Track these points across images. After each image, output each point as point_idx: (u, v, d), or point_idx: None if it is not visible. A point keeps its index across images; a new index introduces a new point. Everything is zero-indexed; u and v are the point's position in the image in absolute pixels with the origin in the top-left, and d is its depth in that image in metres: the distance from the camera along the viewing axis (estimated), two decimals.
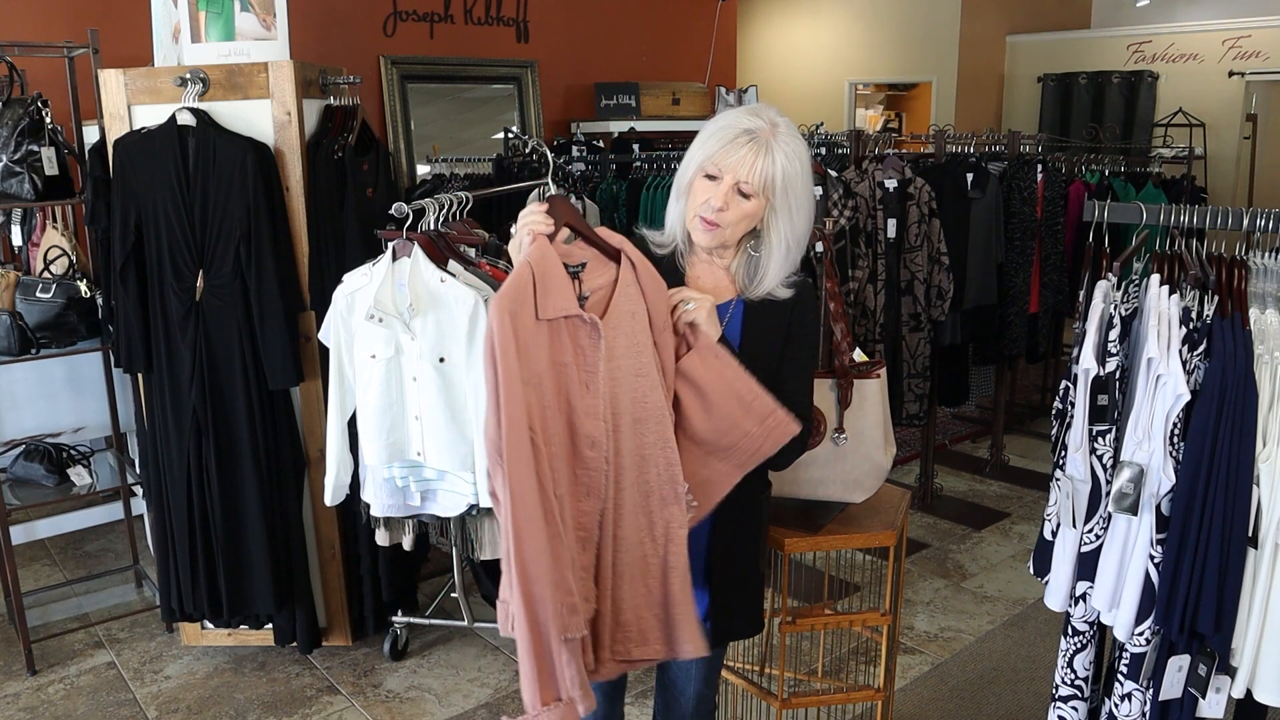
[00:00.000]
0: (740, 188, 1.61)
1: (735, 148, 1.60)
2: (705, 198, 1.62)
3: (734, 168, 1.60)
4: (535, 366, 1.39)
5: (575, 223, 1.52)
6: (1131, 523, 1.84)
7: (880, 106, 9.46)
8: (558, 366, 1.42)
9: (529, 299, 1.39)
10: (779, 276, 1.69)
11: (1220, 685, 1.81)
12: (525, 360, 1.38)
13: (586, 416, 1.43)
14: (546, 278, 1.41)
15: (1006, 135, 4.70)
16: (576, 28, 6.36)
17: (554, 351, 1.42)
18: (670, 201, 1.74)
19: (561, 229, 1.50)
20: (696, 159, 1.65)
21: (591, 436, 1.43)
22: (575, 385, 1.43)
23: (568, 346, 1.42)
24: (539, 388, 1.39)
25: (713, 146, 1.62)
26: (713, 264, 1.72)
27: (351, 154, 2.91)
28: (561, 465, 1.42)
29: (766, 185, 1.61)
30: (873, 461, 2.13)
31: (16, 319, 3.03)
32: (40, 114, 3.05)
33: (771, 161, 1.60)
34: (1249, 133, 7.01)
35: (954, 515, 4.37)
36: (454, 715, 2.90)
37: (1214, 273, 1.85)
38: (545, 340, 1.40)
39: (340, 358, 2.65)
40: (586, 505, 1.45)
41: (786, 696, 2.28)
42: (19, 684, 3.08)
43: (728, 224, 1.63)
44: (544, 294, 1.40)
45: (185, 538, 2.90)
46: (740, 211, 1.62)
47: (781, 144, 1.62)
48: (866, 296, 3.74)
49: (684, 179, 1.68)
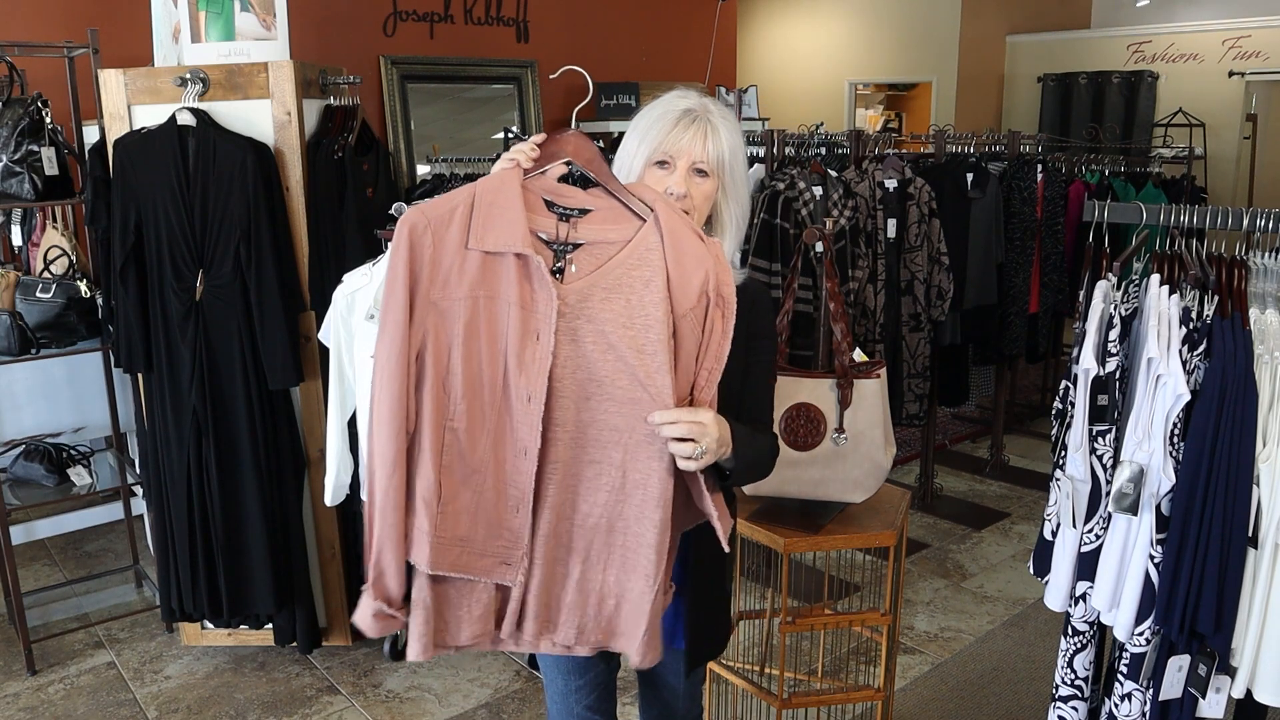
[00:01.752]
0: (697, 167, 1.55)
1: (682, 130, 1.55)
2: (663, 188, 1.53)
3: (687, 150, 1.54)
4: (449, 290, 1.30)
5: (589, 166, 1.39)
6: (1131, 523, 1.84)
7: (880, 106, 9.46)
8: (489, 300, 1.31)
9: (453, 221, 1.30)
10: (732, 255, 1.63)
11: (1220, 685, 1.81)
12: (435, 281, 1.30)
13: (527, 368, 1.31)
14: (493, 207, 1.31)
15: (1006, 135, 4.70)
16: (576, 28, 6.36)
17: (484, 283, 1.31)
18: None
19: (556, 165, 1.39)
20: (641, 153, 1.57)
21: (529, 391, 1.31)
22: (514, 331, 1.31)
23: (510, 285, 1.31)
24: (448, 313, 1.31)
25: (657, 134, 1.56)
26: None
27: (351, 154, 2.91)
28: (490, 410, 1.33)
29: (719, 163, 1.56)
30: (873, 461, 2.13)
31: (16, 319, 3.03)
32: (40, 114, 3.05)
33: (719, 139, 1.56)
34: (1249, 133, 7.01)
35: (954, 515, 4.37)
36: (454, 715, 2.90)
37: (1214, 273, 1.85)
38: (475, 269, 1.31)
39: (340, 358, 2.65)
40: (522, 464, 1.34)
41: (786, 696, 2.28)
42: (19, 684, 3.08)
43: (693, 209, 1.56)
44: (482, 223, 1.30)
45: (185, 538, 2.90)
46: (702, 193, 1.57)
47: (721, 121, 1.57)
48: (866, 296, 3.74)
49: (629, 180, 1.57)
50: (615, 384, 1.33)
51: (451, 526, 1.34)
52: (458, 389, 1.32)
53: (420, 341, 1.31)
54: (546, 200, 1.37)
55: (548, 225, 1.35)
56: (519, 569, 1.36)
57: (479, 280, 1.31)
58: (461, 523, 1.34)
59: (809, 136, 4.10)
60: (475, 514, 1.35)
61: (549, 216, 1.35)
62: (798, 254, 2.51)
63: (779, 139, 3.89)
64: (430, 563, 1.33)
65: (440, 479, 1.33)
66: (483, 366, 1.33)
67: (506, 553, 1.36)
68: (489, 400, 1.33)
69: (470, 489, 1.34)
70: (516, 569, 1.36)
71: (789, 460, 2.15)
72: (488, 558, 1.35)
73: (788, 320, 2.26)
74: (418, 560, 1.35)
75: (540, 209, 1.35)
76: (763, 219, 3.54)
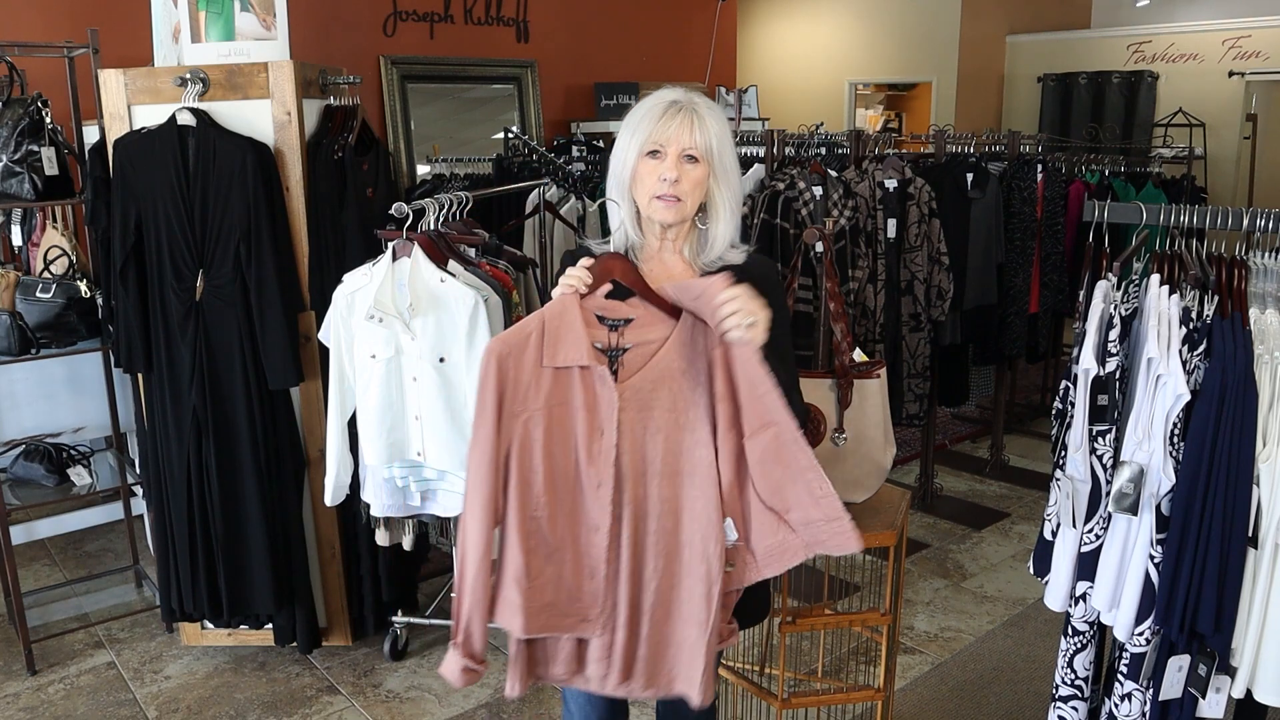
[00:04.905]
0: (687, 153, 1.63)
1: (669, 120, 1.63)
2: (656, 175, 1.63)
3: (676, 137, 1.62)
4: (528, 404, 1.57)
5: (628, 280, 1.61)
6: (1131, 523, 1.84)
7: (880, 106, 9.46)
8: (561, 407, 1.57)
9: (529, 345, 1.57)
10: (727, 240, 1.71)
11: (1220, 685, 1.81)
12: (516, 397, 1.56)
13: (595, 459, 1.56)
14: (559, 330, 1.57)
15: (1006, 135, 4.70)
16: (576, 28, 6.36)
17: (557, 394, 1.57)
18: (611, 206, 1.75)
19: (604, 284, 1.60)
20: (634, 146, 1.66)
21: (599, 478, 1.56)
22: (583, 429, 1.57)
23: (578, 392, 1.57)
24: (530, 422, 1.57)
25: (647, 127, 1.64)
26: (663, 255, 1.72)
27: (351, 154, 2.91)
28: (565, 496, 1.59)
29: (709, 149, 1.64)
30: (873, 461, 2.13)
31: (16, 319, 3.03)
32: (40, 114, 3.05)
33: (706, 126, 1.64)
34: (1249, 133, 7.01)
35: (954, 515, 4.37)
36: (454, 715, 2.90)
37: (1214, 273, 1.85)
38: (549, 383, 1.57)
39: (340, 358, 2.65)
40: (595, 538, 1.58)
41: (786, 696, 2.28)
42: (19, 684, 3.08)
43: (685, 194, 1.64)
44: (552, 343, 1.56)
45: (185, 538, 2.90)
46: (693, 179, 1.64)
47: (708, 110, 1.65)
48: (866, 296, 3.74)
49: (624, 174, 1.68)
50: (665, 462, 1.57)
51: (539, 596, 1.58)
52: (539, 483, 1.57)
53: (507, 447, 1.57)
54: (598, 315, 1.60)
55: (600, 336, 1.59)
56: (597, 624, 1.61)
57: (553, 391, 1.57)
58: (547, 592, 1.59)
59: (809, 136, 4.10)
60: (559, 584, 1.59)
61: (601, 328, 1.60)
62: (798, 254, 2.51)
63: (779, 139, 3.89)
64: (524, 629, 1.58)
65: (527, 560, 1.57)
66: (559, 461, 1.58)
67: (585, 611, 1.60)
68: (564, 489, 1.59)
69: (554, 564, 1.59)
70: (595, 624, 1.60)
71: None
72: (570, 618, 1.60)
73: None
74: (512, 627, 1.59)
75: (594, 323, 1.60)
76: (763, 219, 3.54)
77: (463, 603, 1.59)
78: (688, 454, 1.58)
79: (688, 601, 1.59)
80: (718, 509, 1.57)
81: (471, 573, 1.58)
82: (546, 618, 1.59)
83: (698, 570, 1.58)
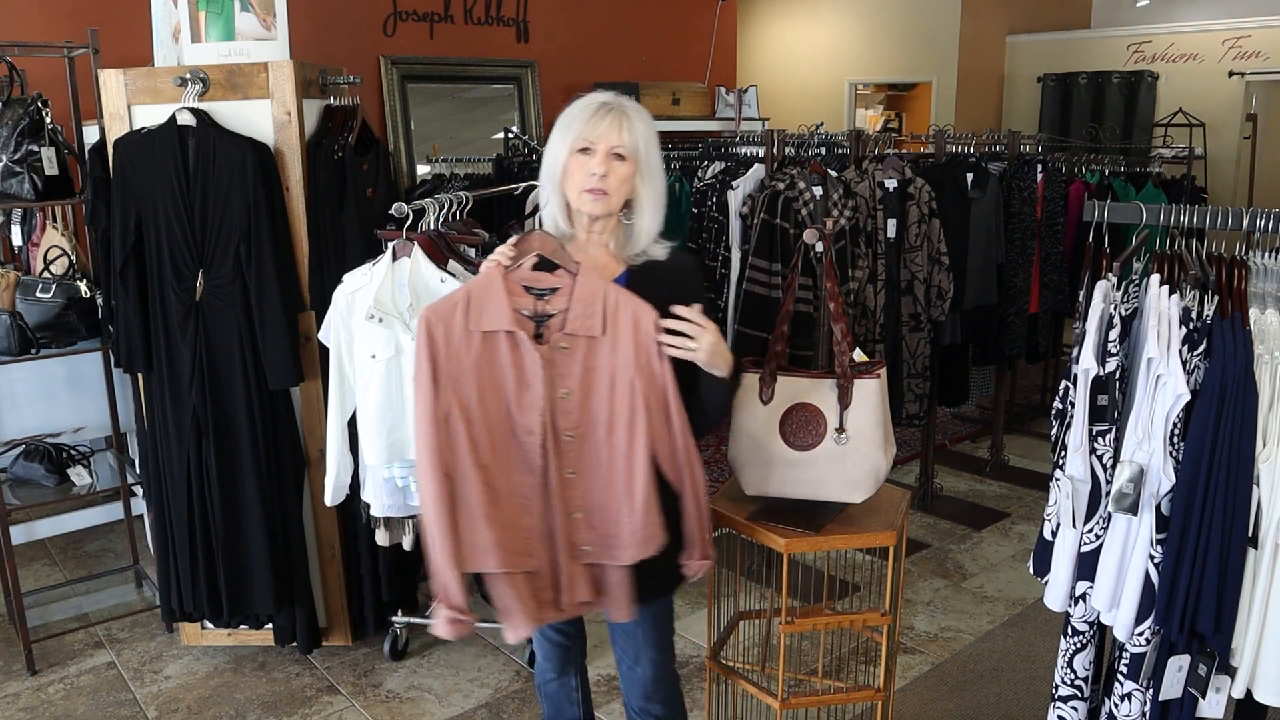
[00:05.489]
0: (615, 151, 1.76)
1: (599, 120, 1.77)
2: (586, 171, 1.76)
3: (605, 135, 1.76)
4: (461, 364, 1.74)
5: (552, 255, 1.77)
6: (1131, 523, 1.84)
7: (880, 106, 9.46)
8: (490, 366, 1.75)
9: (456, 313, 1.74)
10: (651, 234, 1.85)
11: (1220, 685, 1.81)
12: (450, 359, 1.74)
13: (523, 410, 1.74)
14: (483, 299, 1.74)
15: (1006, 135, 4.70)
16: (576, 28, 6.36)
17: (486, 354, 1.75)
18: (543, 203, 1.88)
19: (530, 258, 1.76)
20: (566, 144, 1.79)
21: (528, 426, 1.74)
22: (512, 385, 1.75)
23: (505, 352, 1.75)
24: (461, 380, 1.74)
25: (578, 126, 1.78)
26: (589, 248, 1.85)
27: (351, 154, 2.91)
28: (501, 443, 1.76)
29: (635, 148, 1.78)
30: (872, 462, 2.13)
31: (16, 319, 3.03)
32: (40, 114, 3.05)
33: (634, 127, 1.78)
34: (1249, 133, 7.00)
35: (954, 515, 4.37)
36: (454, 715, 2.90)
37: (1214, 273, 1.85)
38: (478, 345, 1.75)
39: (340, 358, 2.65)
40: (526, 479, 1.76)
41: (786, 696, 2.28)
42: (19, 684, 3.08)
43: (613, 188, 1.77)
44: (477, 310, 1.74)
45: (185, 538, 2.90)
46: (619, 175, 1.78)
47: (635, 113, 1.79)
48: (866, 296, 3.74)
49: (555, 171, 1.81)
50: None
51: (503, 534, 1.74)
52: (482, 433, 1.75)
53: (447, 405, 1.74)
54: (525, 286, 1.77)
55: (527, 304, 1.76)
56: (539, 554, 1.77)
57: (482, 352, 1.75)
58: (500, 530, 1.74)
59: (809, 136, 4.10)
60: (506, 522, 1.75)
61: (528, 298, 1.76)
62: (798, 254, 2.51)
63: (779, 139, 3.89)
64: (500, 564, 1.73)
65: (488, 502, 1.74)
66: (493, 413, 1.76)
67: (526, 544, 1.76)
68: (501, 437, 1.76)
69: (502, 505, 1.76)
70: (538, 555, 1.77)
71: (789, 460, 2.15)
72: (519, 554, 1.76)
73: (787, 320, 2.26)
74: (488, 566, 1.74)
75: (520, 293, 1.76)
76: (763, 219, 3.54)
77: (435, 558, 1.73)
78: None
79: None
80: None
81: (436, 526, 1.72)
82: (504, 555, 1.75)
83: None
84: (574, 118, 1.79)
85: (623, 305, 1.76)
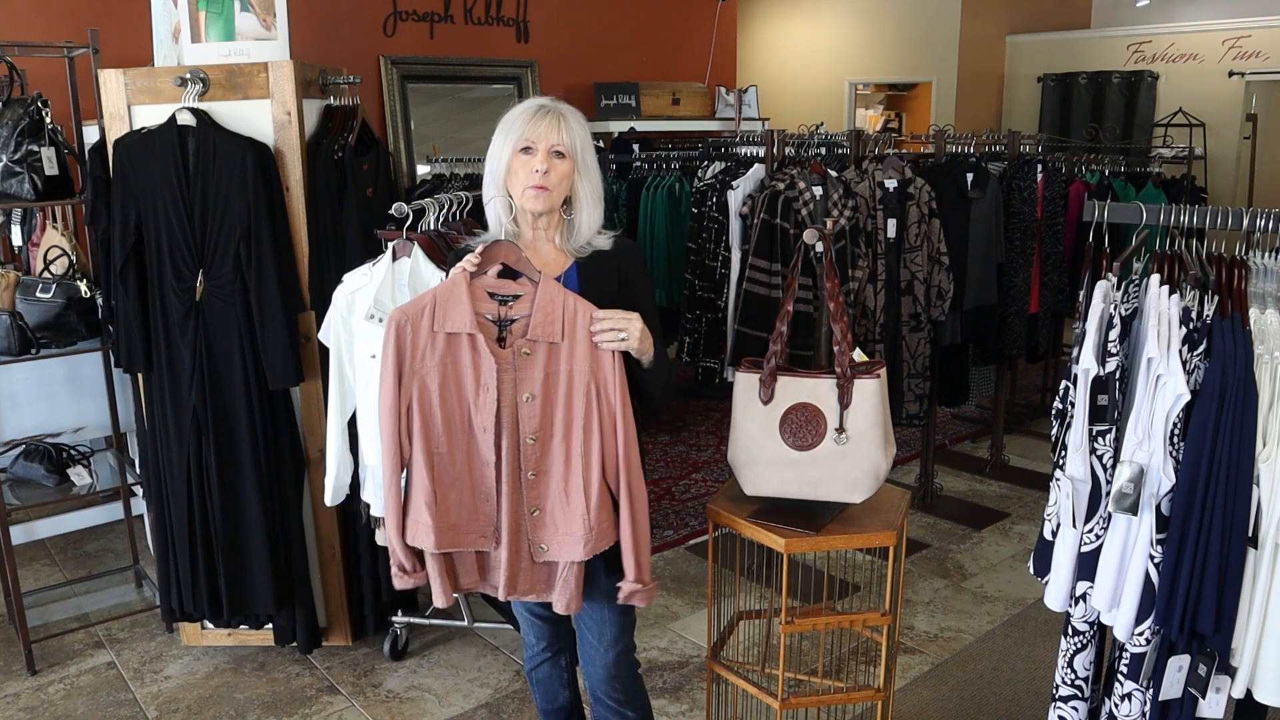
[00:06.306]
0: (555, 149, 1.87)
1: (539, 121, 1.87)
2: (529, 169, 1.86)
3: (545, 135, 1.86)
4: (425, 362, 1.86)
5: (516, 265, 1.87)
6: (1131, 523, 1.84)
7: (880, 106, 9.46)
8: (454, 365, 1.87)
9: (423, 315, 1.86)
10: (593, 225, 1.96)
11: (1220, 685, 1.81)
12: (414, 356, 1.86)
13: (479, 410, 1.86)
14: (448, 303, 1.85)
15: (1006, 135, 4.70)
16: (576, 28, 6.36)
17: (449, 355, 1.86)
18: (487, 204, 1.97)
19: (494, 266, 1.86)
20: (508, 145, 1.89)
21: (483, 424, 1.86)
22: (471, 383, 1.86)
23: (466, 353, 1.86)
24: (426, 377, 1.86)
25: (520, 128, 1.87)
26: (537, 244, 1.95)
27: (351, 154, 2.91)
28: (461, 437, 1.89)
29: (573, 146, 1.88)
30: (872, 461, 2.13)
31: (16, 319, 3.03)
32: (40, 114, 3.05)
33: (570, 127, 1.88)
34: (1249, 133, 7.00)
35: (954, 515, 4.37)
36: (454, 715, 2.90)
37: (1214, 273, 1.85)
38: (442, 345, 1.86)
39: (340, 358, 2.65)
40: (487, 471, 1.89)
41: (786, 696, 2.28)
42: (19, 684, 3.08)
43: (554, 185, 1.88)
44: (442, 313, 1.85)
45: (185, 538, 2.90)
46: (560, 172, 1.88)
47: (571, 115, 1.90)
48: (866, 296, 3.74)
49: (499, 170, 1.91)
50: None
51: (446, 517, 1.90)
52: (439, 426, 1.88)
53: (409, 397, 1.88)
54: (490, 292, 1.87)
55: (491, 309, 1.86)
56: (494, 539, 1.92)
57: (446, 352, 1.87)
58: (452, 514, 1.90)
59: (809, 136, 4.10)
60: (460, 507, 1.91)
61: (492, 303, 1.86)
62: (798, 254, 2.51)
63: (779, 139, 3.89)
64: (435, 545, 1.89)
65: (434, 488, 1.88)
66: (453, 408, 1.89)
67: (484, 529, 1.92)
68: (459, 431, 1.90)
69: (455, 491, 1.91)
70: (491, 539, 1.92)
71: (789, 460, 2.15)
72: (472, 534, 1.92)
73: (787, 320, 2.26)
74: (425, 545, 1.89)
75: (485, 298, 1.86)
76: (763, 219, 3.54)
77: (388, 527, 1.93)
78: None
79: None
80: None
81: (389, 503, 1.92)
82: (453, 535, 1.90)
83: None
84: (515, 120, 1.89)
85: (580, 312, 1.85)
